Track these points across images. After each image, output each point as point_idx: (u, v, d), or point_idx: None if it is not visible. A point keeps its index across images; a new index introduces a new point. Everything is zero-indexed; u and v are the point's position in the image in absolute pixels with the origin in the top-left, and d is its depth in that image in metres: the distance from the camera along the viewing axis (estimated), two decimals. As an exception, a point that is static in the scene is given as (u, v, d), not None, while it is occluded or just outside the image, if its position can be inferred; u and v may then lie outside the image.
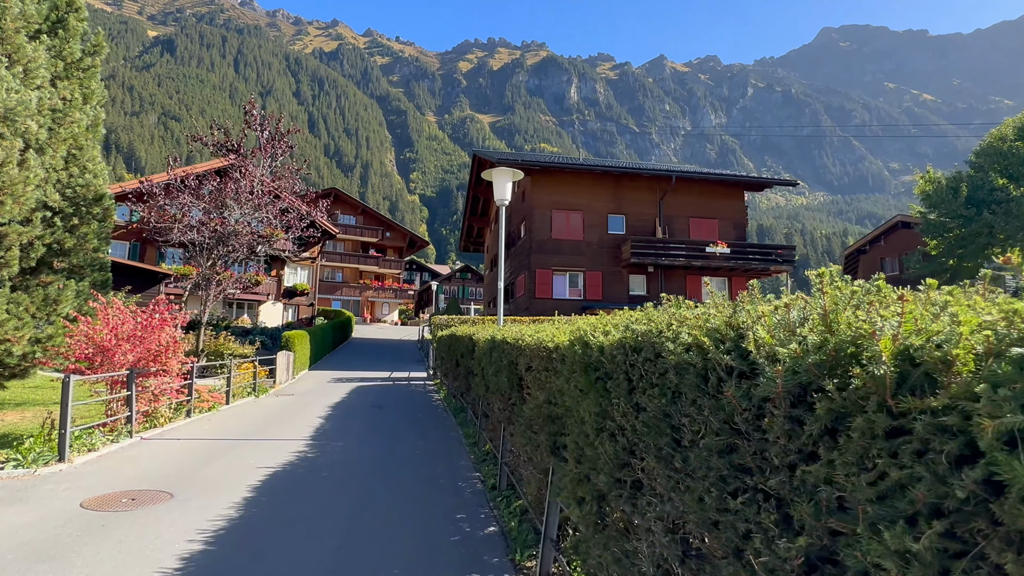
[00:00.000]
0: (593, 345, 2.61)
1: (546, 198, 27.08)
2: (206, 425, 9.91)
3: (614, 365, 2.34)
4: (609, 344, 2.39)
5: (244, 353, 19.18)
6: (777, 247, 28.06)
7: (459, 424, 10.86)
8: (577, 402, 2.88)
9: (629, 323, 2.33)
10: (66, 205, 12.00)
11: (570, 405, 3.09)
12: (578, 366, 2.81)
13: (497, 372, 6.04)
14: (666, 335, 1.92)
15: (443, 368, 16.82)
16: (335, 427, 10.24)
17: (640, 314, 2.55)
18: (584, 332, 2.81)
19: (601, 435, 2.47)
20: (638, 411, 2.11)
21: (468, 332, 10.67)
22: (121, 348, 8.49)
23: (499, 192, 10.07)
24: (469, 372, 9.86)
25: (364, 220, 56.36)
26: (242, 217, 14.02)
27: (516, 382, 5.22)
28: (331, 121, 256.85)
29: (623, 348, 2.24)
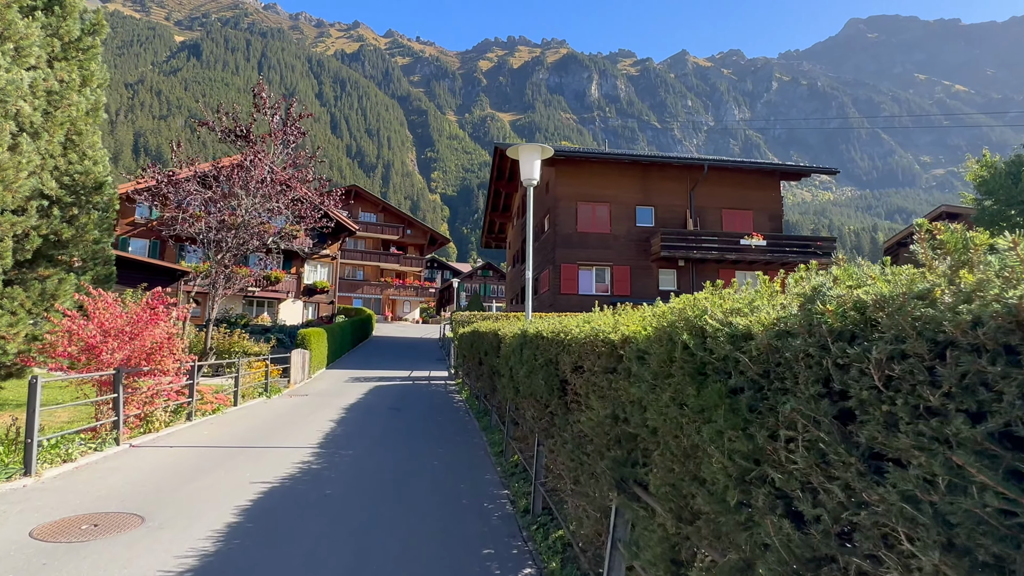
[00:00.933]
0: (719, 334, 1.54)
1: (571, 190, 25.93)
2: (206, 430, 9.03)
3: (783, 367, 1.27)
4: (769, 327, 1.33)
5: (258, 351, 18.42)
6: (816, 239, 26.55)
7: (483, 429, 9.83)
8: (677, 425, 1.81)
9: (817, 286, 1.27)
10: (64, 194, 11.25)
11: (658, 427, 2.02)
12: (684, 369, 1.74)
13: (531, 373, 4.99)
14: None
15: (465, 367, 15.83)
16: (347, 432, 9.28)
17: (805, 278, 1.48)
18: (695, 313, 1.74)
19: (749, 490, 1.40)
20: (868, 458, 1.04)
21: (492, 328, 9.65)
22: (108, 345, 7.63)
23: (526, 171, 9.01)
24: (494, 372, 8.84)
25: (385, 217, 55.74)
26: (252, 207, 13.16)
27: (557, 386, 4.16)
28: (353, 122, 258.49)
29: (815, 332, 1.17)
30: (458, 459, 7.58)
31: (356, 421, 10.55)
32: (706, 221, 26.97)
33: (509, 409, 7.51)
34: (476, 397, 13.50)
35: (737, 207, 27.20)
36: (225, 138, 13.20)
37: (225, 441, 8.21)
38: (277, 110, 13.74)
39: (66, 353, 7.57)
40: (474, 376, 13.42)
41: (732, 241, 25.49)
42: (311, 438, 8.59)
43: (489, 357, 9.21)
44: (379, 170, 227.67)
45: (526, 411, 5.56)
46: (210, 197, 12.67)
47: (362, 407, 12.62)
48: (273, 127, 13.59)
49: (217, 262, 13.23)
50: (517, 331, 6.25)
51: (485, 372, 10.00)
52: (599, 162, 26.35)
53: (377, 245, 55.09)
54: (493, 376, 9.01)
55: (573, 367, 3.62)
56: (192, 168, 12.39)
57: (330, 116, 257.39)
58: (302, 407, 12.40)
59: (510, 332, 7.35)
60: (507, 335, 7.36)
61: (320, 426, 9.75)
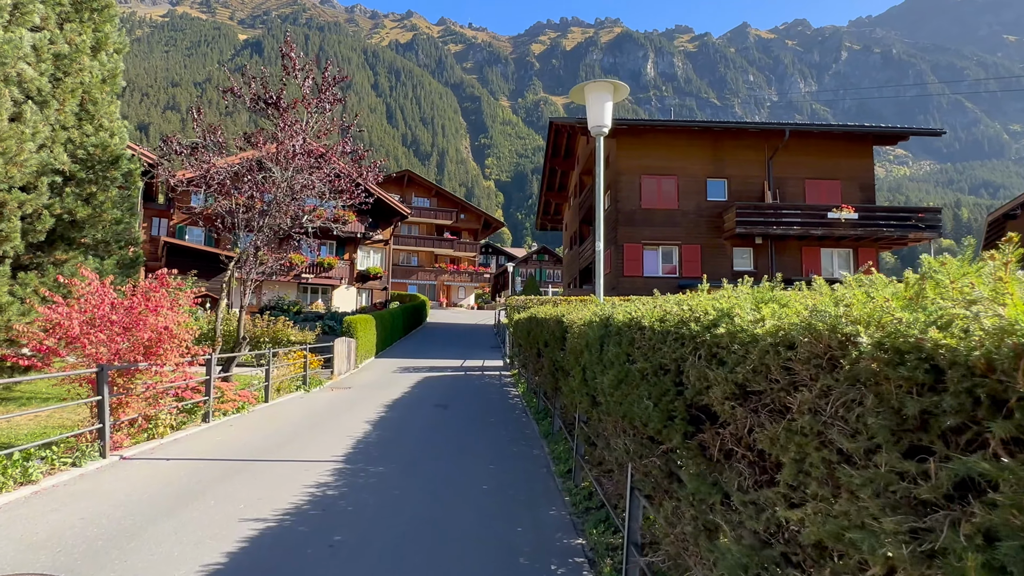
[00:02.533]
0: None
1: (634, 162, 23.72)
2: (219, 435, 7.73)
3: None
4: None
5: (302, 340, 17.37)
6: (917, 209, 23.33)
7: (543, 436, 8.13)
8: None
9: None
10: (78, 169, 10.19)
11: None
12: None
13: (623, 383, 3.23)
14: None
15: (521, 358, 14.18)
16: (382, 439, 7.78)
17: None
18: None
19: None
20: None
21: (553, 314, 7.92)
22: (91, 338, 6.36)
23: (594, 116, 7.15)
24: (557, 368, 7.11)
25: (438, 202, 54.68)
26: (284, 182, 11.86)
27: (683, 416, 2.38)
28: (408, 111, 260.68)
29: None
30: (514, 482, 5.91)
31: (396, 423, 9.06)
32: (786, 193, 24.20)
33: (580, 420, 5.77)
34: (534, 393, 11.83)
35: (822, 177, 24.28)
36: (254, 106, 11.92)
37: (234, 451, 6.83)
38: (310, 73, 12.34)
39: (42, 347, 6.35)
40: (531, 368, 11.74)
41: (818, 215, 22.68)
42: (338, 447, 7.12)
43: (550, 349, 7.49)
44: (434, 158, 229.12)
45: (615, 437, 3.80)
46: (236, 172, 11.45)
47: (406, 404, 11.17)
48: (305, 92, 12.20)
49: (247, 244, 12.02)
50: (593, 317, 4.50)
51: (545, 367, 8.29)
52: (665, 131, 23.98)
53: (431, 230, 54.17)
54: (556, 373, 7.29)
55: (733, 391, 1.84)
56: (215, 137, 11.16)
57: (385, 106, 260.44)
58: (340, 404, 11.06)
59: (579, 319, 5.61)
60: (575, 322, 5.62)
61: (353, 429, 8.30)
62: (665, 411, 2.51)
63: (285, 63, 11.95)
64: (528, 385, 12.43)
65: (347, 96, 13.22)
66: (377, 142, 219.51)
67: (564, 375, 6.65)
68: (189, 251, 29.65)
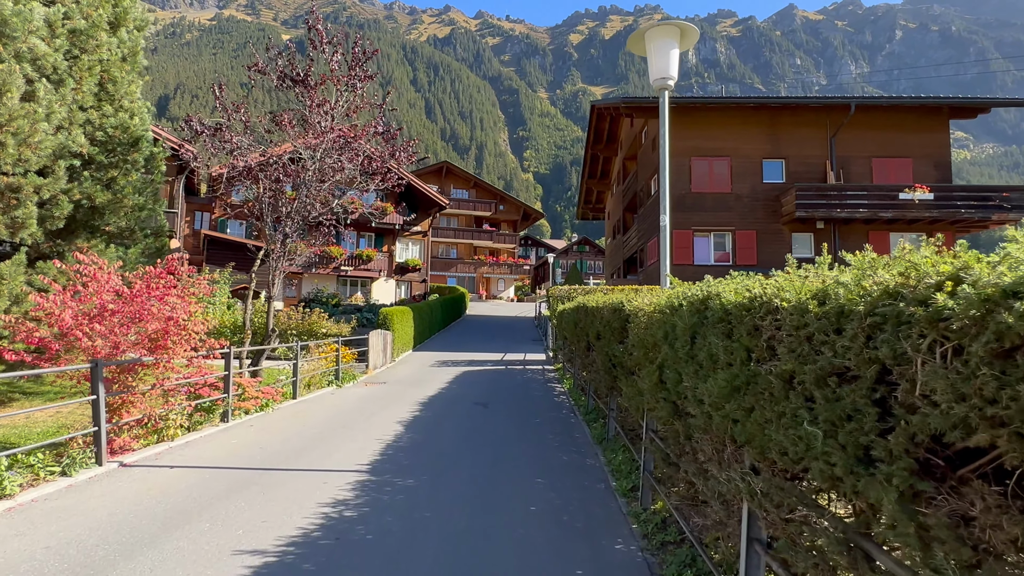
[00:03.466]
0: None
1: (683, 143, 22.23)
2: (235, 438, 6.98)
3: None
4: None
5: (337, 333, 16.77)
6: (1001, 188, 21.17)
7: (597, 442, 7.11)
8: None
9: None
10: (97, 151, 9.63)
11: None
12: None
13: (742, 393, 2.20)
14: None
15: (566, 351, 13.16)
16: (414, 444, 6.91)
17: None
18: None
19: None
20: None
21: (606, 302, 6.91)
22: (85, 329, 5.65)
23: (659, 67, 6.05)
24: (614, 364, 6.08)
25: (477, 194, 53.91)
26: (314, 163, 11.10)
27: (909, 462, 1.33)
28: (446, 105, 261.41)
29: None
30: (567, 502, 4.91)
31: (430, 424, 8.18)
32: (851, 173, 22.35)
33: (649, 428, 4.73)
34: (581, 390, 10.81)
35: (892, 155, 22.31)
36: (280, 83, 11.19)
37: (248, 458, 6.05)
38: (338, 47, 11.54)
39: (34, 339, 5.69)
40: (579, 363, 10.71)
41: (887, 195, 20.81)
42: (364, 454, 6.26)
43: (604, 343, 6.46)
44: (472, 151, 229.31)
45: (719, 464, 2.75)
46: (262, 156, 10.74)
47: (443, 401, 10.30)
48: (334, 67, 11.40)
49: (276, 233, 11.33)
50: (675, 301, 3.46)
51: (598, 362, 7.26)
52: (717, 108, 22.44)
53: (470, 222, 53.48)
54: (612, 370, 6.26)
55: None
56: (239, 115, 10.44)
57: (424, 101, 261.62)
58: (372, 401, 10.28)
59: (647, 305, 4.58)
60: (642, 310, 4.60)
61: (383, 431, 7.45)
62: (856, 447, 1.46)
63: (312, 36, 11.17)
64: (575, 381, 11.41)
65: (387, 91, 12.43)
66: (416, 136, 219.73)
67: (624, 373, 5.62)
68: (229, 244, 29.62)
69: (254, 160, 11.12)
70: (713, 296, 2.82)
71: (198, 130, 9.88)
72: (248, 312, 11.65)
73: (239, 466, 5.70)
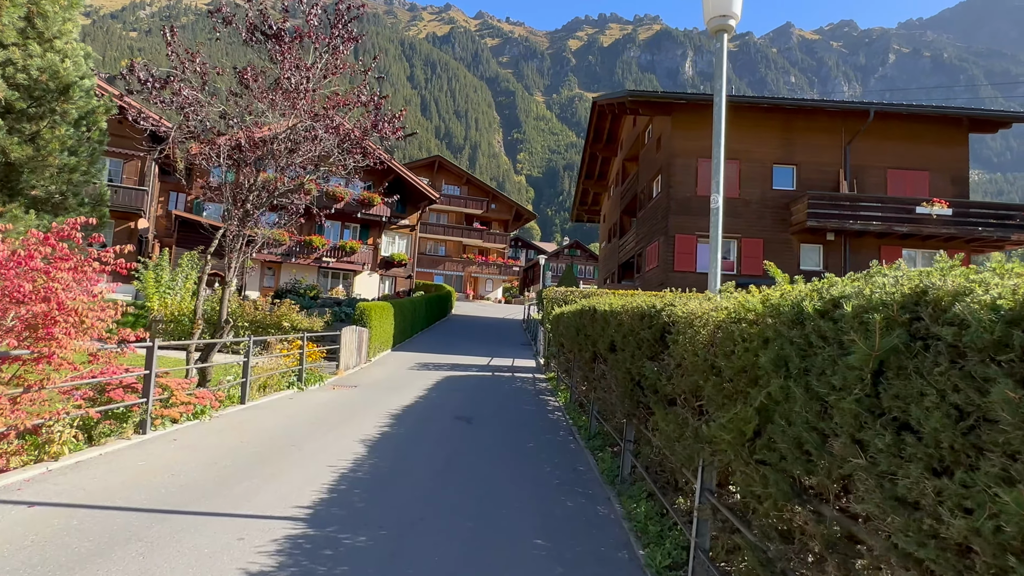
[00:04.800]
0: None
1: (690, 144, 20.98)
2: (147, 457, 5.43)
3: None
4: None
5: (310, 327, 15.20)
6: (1022, 207, 20.13)
7: (607, 480, 5.65)
8: None
9: None
10: (16, 97, 8.02)
11: None
12: None
13: None
14: None
15: (562, 360, 11.70)
16: (377, 474, 5.41)
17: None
18: None
19: None
20: None
21: (627, 305, 5.51)
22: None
23: (717, 4, 4.62)
24: (640, 387, 4.66)
25: (468, 191, 52.39)
26: (284, 130, 9.57)
27: None
28: (442, 104, 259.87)
29: None
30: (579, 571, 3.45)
31: (401, 445, 6.68)
32: (865, 184, 21.21)
33: (707, 486, 3.27)
34: (580, 406, 9.36)
35: (908, 167, 21.20)
36: (250, 38, 9.65)
37: (149, 490, 4.52)
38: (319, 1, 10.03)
39: None
40: (579, 376, 9.26)
41: (904, 209, 19.67)
42: (308, 489, 4.76)
43: (623, 357, 5.02)
44: (466, 151, 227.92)
45: None
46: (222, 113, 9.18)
47: (419, 413, 8.80)
48: (312, 21, 9.88)
49: (236, 208, 9.77)
50: (805, 304, 2.00)
51: (611, 380, 5.82)
52: (729, 107, 21.07)
53: (460, 219, 51.93)
54: (637, 393, 4.81)
55: None
56: (194, 66, 8.84)
57: (420, 98, 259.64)
58: (336, 409, 8.74)
59: (712, 310, 3.16)
60: (699, 318, 3.17)
61: (340, 454, 5.94)
62: None
63: (288, -18, 9.64)
64: (572, 395, 9.96)
65: (383, 87, 10.93)
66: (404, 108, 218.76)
67: (659, 401, 4.18)
68: (202, 226, 27.81)
69: (235, 140, 9.57)
70: (955, 294, 1.39)
71: (142, 79, 8.31)
72: (201, 300, 10.07)
73: (130, 505, 4.16)
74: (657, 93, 21.35)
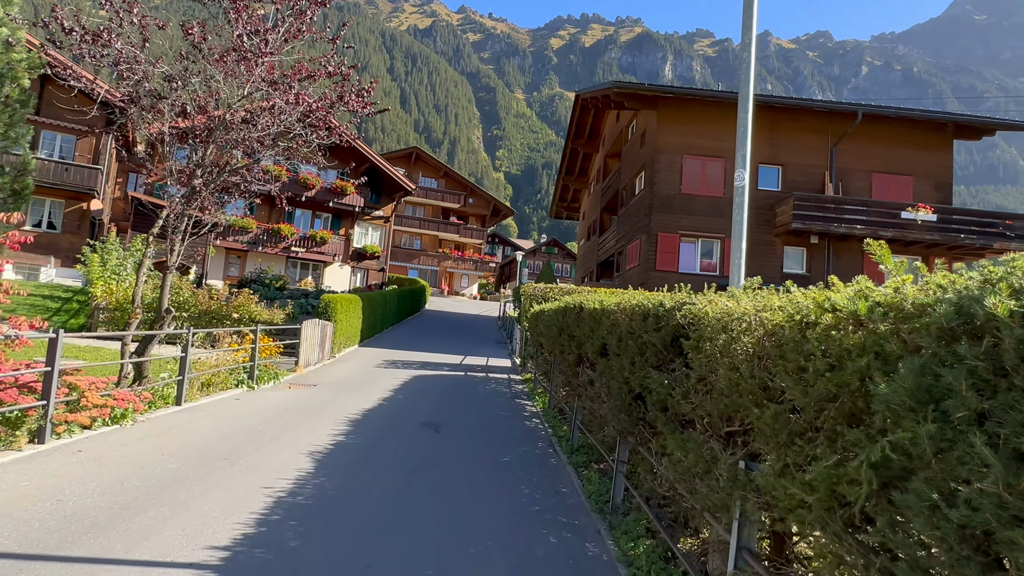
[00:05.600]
0: None
1: (676, 139, 20.36)
2: (37, 474, 4.43)
3: None
4: None
5: (270, 320, 14.14)
6: (1005, 215, 19.99)
7: (597, 509, 4.83)
8: None
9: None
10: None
11: None
12: None
13: None
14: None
15: (541, 363, 10.89)
16: (322, 500, 4.50)
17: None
18: None
19: None
20: None
21: (624, 302, 4.73)
22: None
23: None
24: (641, 401, 3.86)
25: (446, 184, 51.26)
26: (230, 89, 8.54)
27: None
28: (422, 97, 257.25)
29: None
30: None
31: (356, 459, 5.78)
32: (850, 187, 20.86)
33: (746, 546, 2.46)
34: (560, 412, 8.56)
35: (893, 171, 20.91)
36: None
37: (20, 524, 3.55)
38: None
39: None
40: (560, 380, 8.46)
41: (889, 214, 19.34)
42: (228, 522, 3.83)
43: (620, 363, 4.22)
44: (445, 146, 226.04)
45: None
46: (167, 75, 8.11)
47: (381, 419, 7.89)
48: (272, -21, 8.87)
49: (179, 186, 8.71)
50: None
51: (603, 390, 5.01)
52: (715, 103, 20.58)
53: (436, 213, 50.80)
54: (637, 408, 4.00)
55: None
56: (133, 14, 7.70)
57: (400, 91, 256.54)
58: (287, 412, 7.78)
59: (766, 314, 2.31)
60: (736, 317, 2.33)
61: (279, 472, 5.02)
62: None
63: (245, -68, 8.58)
64: (551, 400, 9.14)
65: (362, 78, 9.95)
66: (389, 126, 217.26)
67: (670, 422, 3.37)
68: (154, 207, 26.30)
69: (181, 106, 8.49)
70: None
71: (66, 28, 7.19)
72: (140, 286, 9.00)
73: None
74: (643, 85, 20.65)
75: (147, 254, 9.08)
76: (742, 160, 4.22)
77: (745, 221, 4.37)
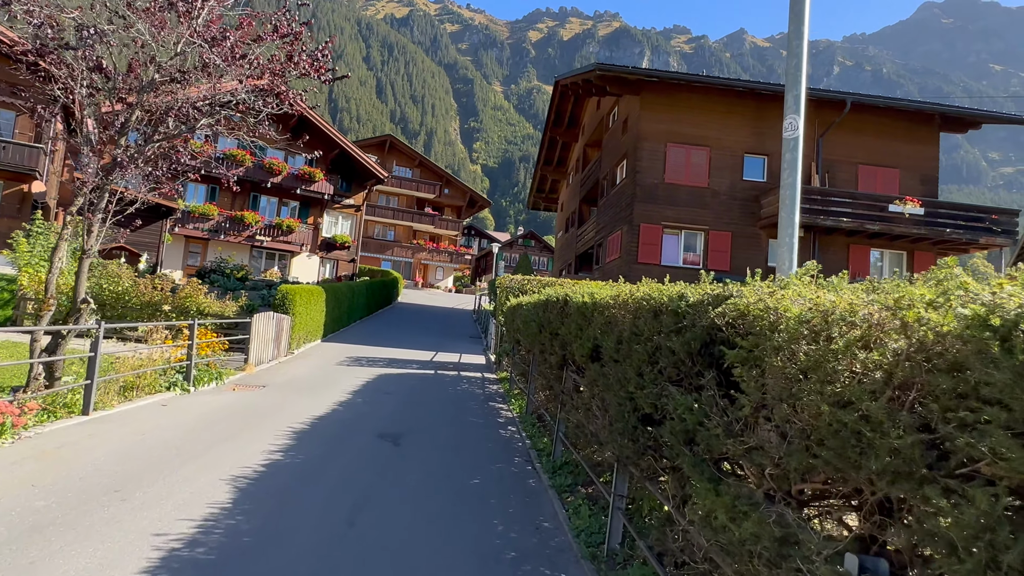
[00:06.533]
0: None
1: (659, 126, 19.51)
2: None
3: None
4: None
5: (221, 312, 12.88)
6: (991, 210, 19.55)
7: (588, 555, 3.84)
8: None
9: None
10: None
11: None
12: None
13: None
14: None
15: (518, 362, 9.89)
16: (229, 552, 3.44)
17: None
18: None
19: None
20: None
21: (628, 295, 3.72)
22: None
23: None
24: (649, 423, 2.86)
25: (421, 173, 49.85)
26: (171, 58, 7.34)
27: None
28: (398, 87, 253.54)
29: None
30: None
31: (291, 484, 4.71)
32: (836, 179, 20.26)
33: None
34: (539, 419, 7.59)
35: (879, 163, 20.37)
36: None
37: None
38: None
39: None
40: (540, 383, 7.47)
41: (876, 207, 18.73)
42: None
43: (621, 370, 3.23)
44: (422, 137, 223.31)
45: None
46: (78, 22, 6.87)
47: (333, 428, 6.80)
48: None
49: (94, 156, 7.48)
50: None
51: (589, 399, 4.02)
52: (701, 90, 19.74)
53: (411, 203, 49.38)
54: (638, 432, 3.01)
55: None
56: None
57: (376, 80, 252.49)
58: (220, 422, 6.64)
59: (933, 315, 1.26)
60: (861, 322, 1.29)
61: (190, 506, 3.94)
62: None
63: None
64: (529, 405, 8.15)
65: (338, 66, 8.63)
66: (365, 116, 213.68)
67: (703, 467, 2.42)
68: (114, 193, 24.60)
69: (95, 60, 7.24)
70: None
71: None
72: (55, 272, 7.75)
73: None
74: (627, 68, 19.68)
75: (63, 235, 7.83)
76: (796, 104, 3.22)
77: (798, 184, 3.44)
